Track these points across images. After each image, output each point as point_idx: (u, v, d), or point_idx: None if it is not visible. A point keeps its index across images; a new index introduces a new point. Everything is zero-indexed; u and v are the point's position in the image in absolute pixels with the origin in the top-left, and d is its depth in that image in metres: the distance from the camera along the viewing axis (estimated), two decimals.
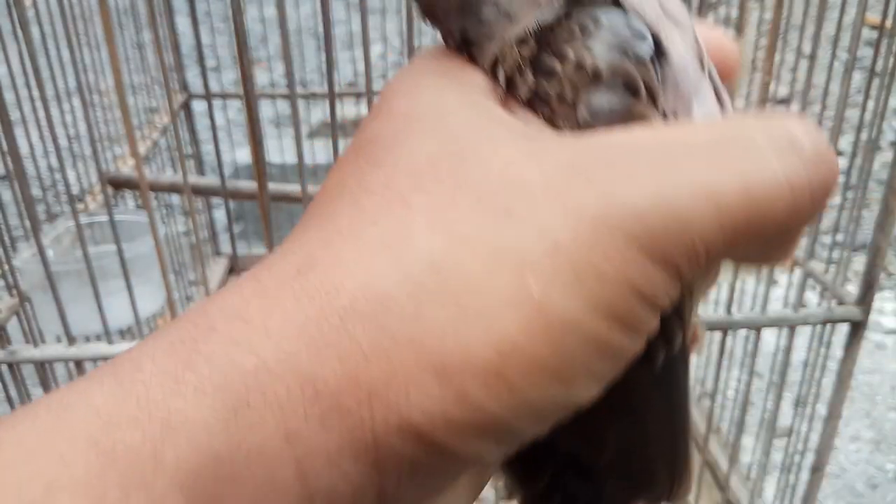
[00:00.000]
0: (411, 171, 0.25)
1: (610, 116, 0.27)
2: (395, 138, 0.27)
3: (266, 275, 0.24)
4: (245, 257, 2.04)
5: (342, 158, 0.29)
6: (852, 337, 1.06)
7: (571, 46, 0.28)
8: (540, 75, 0.28)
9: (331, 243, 0.24)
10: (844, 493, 1.63)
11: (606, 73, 0.27)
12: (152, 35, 0.93)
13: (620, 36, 0.28)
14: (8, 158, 0.87)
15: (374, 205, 0.25)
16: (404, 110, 0.28)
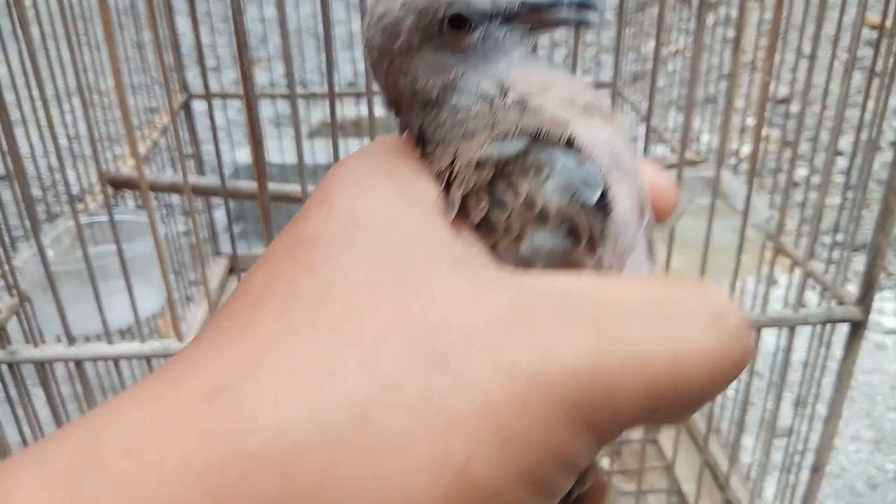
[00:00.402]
0: (347, 290, 0.24)
1: (549, 257, 0.28)
2: (333, 244, 0.26)
3: (171, 395, 0.22)
4: (245, 257, 2.04)
5: (273, 252, 0.27)
6: (852, 337, 1.06)
7: (525, 183, 0.29)
8: (492, 204, 0.29)
9: (249, 366, 0.22)
10: (844, 493, 1.63)
11: (553, 216, 0.29)
12: (152, 35, 0.93)
13: (572, 181, 0.29)
14: (8, 158, 0.87)
15: (303, 325, 0.23)
16: (347, 212, 0.27)
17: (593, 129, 0.31)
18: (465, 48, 0.32)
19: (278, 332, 0.23)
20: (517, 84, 0.32)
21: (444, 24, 0.31)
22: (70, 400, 1.08)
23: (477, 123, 0.31)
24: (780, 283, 2.12)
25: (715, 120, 1.66)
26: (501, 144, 0.30)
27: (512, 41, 0.32)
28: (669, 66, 1.83)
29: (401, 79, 0.33)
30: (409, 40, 0.32)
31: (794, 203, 2.21)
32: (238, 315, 0.24)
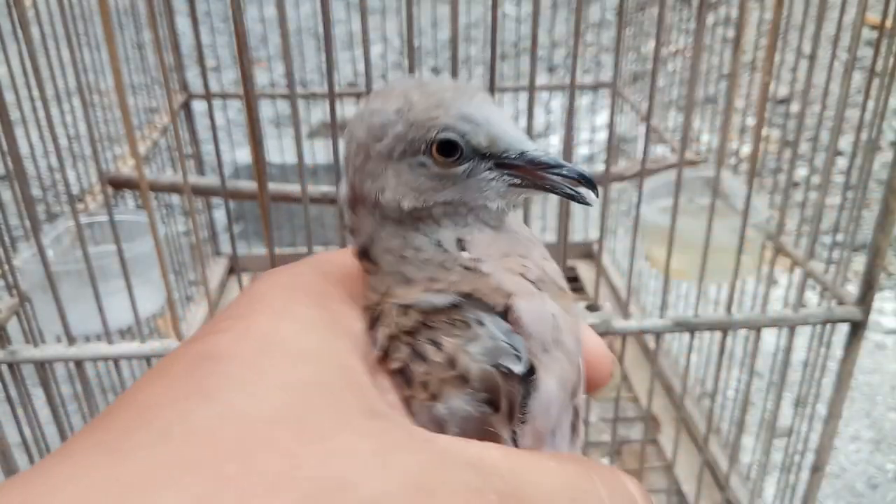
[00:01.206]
0: (242, 427, 0.21)
1: (464, 422, 0.27)
2: (239, 368, 0.24)
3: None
4: (245, 257, 2.04)
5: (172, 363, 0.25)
6: (852, 337, 1.06)
7: (450, 340, 0.28)
8: (414, 356, 0.28)
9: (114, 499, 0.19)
10: (844, 493, 1.63)
11: (474, 380, 0.27)
12: (152, 35, 0.93)
13: (499, 347, 0.28)
14: (8, 158, 0.87)
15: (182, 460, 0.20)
16: (263, 334, 0.25)
17: (538, 304, 0.30)
18: (445, 177, 0.31)
19: (154, 463, 0.20)
20: (476, 245, 0.31)
21: (432, 145, 0.30)
22: (70, 400, 1.08)
23: (419, 271, 0.30)
24: (780, 283, 2.12)
25: (715, 120, 1.66)
26: (434, 294, 0.29)
27: (496, 189, 0.31)
28: (669, 66, 1.83)
29: (368, 182, 0.31)
30: (391, 147, 0.31)
31: (794, 203, 2.21)
32: (116, 429, 0.22)
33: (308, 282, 0.29)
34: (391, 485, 0.21)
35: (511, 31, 2.31)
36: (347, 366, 0.26)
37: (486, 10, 2.26)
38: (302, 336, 0.26)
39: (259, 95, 1.88)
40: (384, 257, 0.31)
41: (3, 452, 0.94)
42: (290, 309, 0.27)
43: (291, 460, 0.21)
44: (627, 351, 1.66)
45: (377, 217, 0.31)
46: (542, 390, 0.28)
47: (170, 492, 0.19)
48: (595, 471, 0.25)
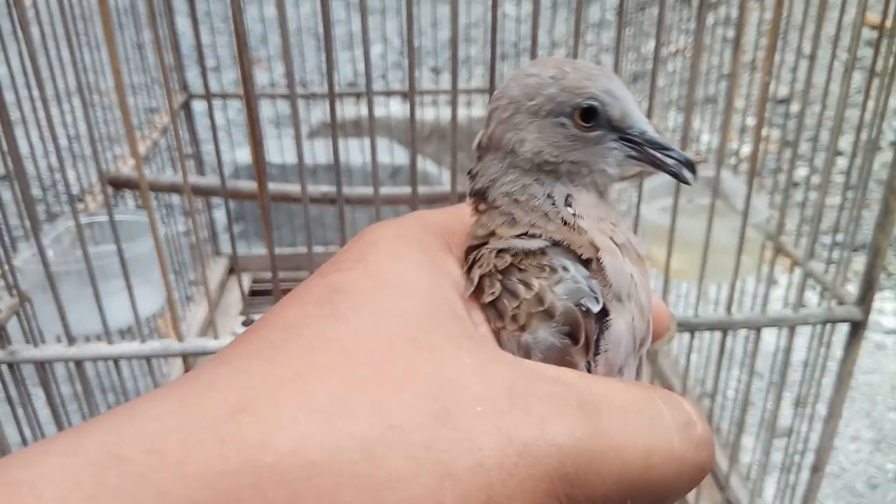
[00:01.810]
0: (370, 341, 0.26)
1: (548, 350, 0.32)
2: (364, 297, 0.29)
3: (196, 405, 0.23)
4: (245, 257, 2.04)
5: (304, 294, 0.30)
6: (852, 337, 1.06)
7: (538, 280, 0.33)
8: (504, 291, 0.33)
9: (273, 390, 0.24)
10: (844, 493, 1.63)
11: (558, 314, 0.32)
12: (152, 35, 0.93)
13: (580, 289, 0.33)
14: (8, 158, 0.87)
15: (327, 363, 0.25)
16: (381, 271, 0.30)
17: (620, 261, 0.35)
18: (579, 139, 0.36)
19: (303, 365, 0.25)
20: (580, 204, 0.36)
21: (576, 109, 0.36)
22: (70, 400, 1.08)
23: (525, 215, 0.36)
24: (780, 283, 2.12)
25: (715, 120, 1.66)
26: (528, 240, 0.35)
27: (616, 158, 0.37)
28: (669, 66, 1.83)
29: (511, 133, 0.37)
30: (540, 105, 0.36)
31: (794, 203, 2.21)
32: (266, 343, 0.26)
33: (413, 233, 0.34)
34: (492, 386, 0.25)
35: (511, 31, 2.31)
36: (449, 299, 0.31)
37: (486, 10, 2.25)
38: (412, 274, 0.31)
39: (259, 95, 1.88)
40: (501, 199, 0.37)
41: (3, 452, 0.94)
42: (401, 253, 0.32)
43: (411, 367, 0.25)
44: None
45: (505, 164, 0.37)
46: (613, 329, 0.33)
47: (318, 386, 0.24)
48: (656, 391, 0.30)
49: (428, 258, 0.32)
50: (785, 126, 1.32)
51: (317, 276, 0.31)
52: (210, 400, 0.23)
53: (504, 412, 0.25)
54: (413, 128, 0.83)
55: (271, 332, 0.27)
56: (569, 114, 0.36)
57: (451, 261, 0.34)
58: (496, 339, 0.32)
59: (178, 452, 0.21)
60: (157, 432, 0.22)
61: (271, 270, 0.89)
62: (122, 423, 0.23)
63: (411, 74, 0.79)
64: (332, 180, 1.06)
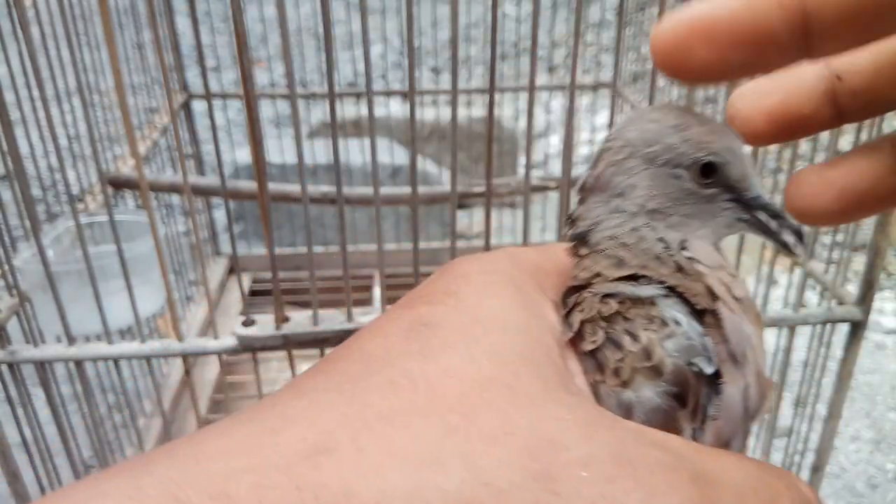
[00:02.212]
0: (462, 384, 0.24)
1: (651, 412, 0.29)
2: (455, 334, 0.26)
3: (270, 443, 0.21)
4: (245, 257, 2.04)
5: (390, 325, 0.27)
6: (852, 337, 1.06)
7: (646, 333, 0.30)
8: (607, 341, 0.30)
9: (355, 431, 0.22)
10: (844, 493, 1.63)
11: (667, 373, 0.29)
12: (152, 35, 0.93)
13: (693, 347, 0.30)
14: (8, 158, 0.87)
15: (413, 405, 0.23)
16: (473, 307, 0.28)
17: (739, 317, 0.32)
18: (693, 194, 0.34)
19: (388, 406, 0.23)
20: (696, 249, 0.34)
21: (696, 162, 0.34)
22: (70, 400, 1.08)
23: (635, 257, 0.33)
24: (780, 283, 2.12)
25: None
26: (637, 286, 0.32)
27: (727, 219, 0.35)
28: None
29: (622, 176, 0.35)
30: (658, 153, 0.34)
31: None
32: (347, 376, 0.24)
33: (505, 269, 0.31)
34: (596, 450, 0.23)
35: (511, 31, 2.31)
36: (546, 344, 0.28)
37: (486, 10, 2.25)
38: (507, 312, 0.28)
39: (259, 95, 1.88)
40: (605, 242, 0.34)
41: (3, 452, 0.94)
42: (494, 289, 0.29)
43: (506, 419, 0.23)
44: None
45: (611, 207, 0.35)
46: (726, 395, 0.30)
47: (404, 431, 0.22)
48: (771, 468, 0.27)
49: (522, 297, 0.30)
50: None
51: (402, 306, 0.29)
52: (286, 438, 0.21)
53: (611, 479, 0.22)
54: (413, 128, 0.83)
55: (352, 363, 0.25)
56: (687, 166, 0.34)
57: (547, 303, 0.31)
58: (593, 393, 0.29)
59: (249, 499, 0.19)
60: (226, 474, 0.20)
61: (271, 270, 0.89)
62: (187, 460, 0.21)
63: (411, 74, 0.78)
64: (332, 180, 1.06)
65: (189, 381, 1.01)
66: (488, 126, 0.84)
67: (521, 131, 2.68)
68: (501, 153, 2.62)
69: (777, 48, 0.26)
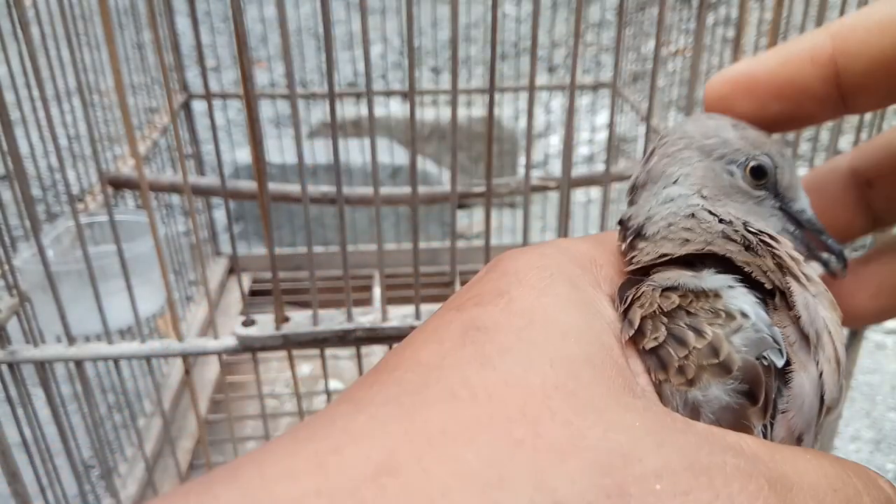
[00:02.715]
0: (522, 392, 0.23)
1: (721, 411, 0.27)
2: (511, 338, 0.25)
3: (335, 463, 0.21)
4: (245, 257, 2.04)
5: (443, 328, 0.26)
6: (852, 337, 1.06)
7: (712, 328, 0.28)
8: (670, 338, 0.28)
9: (418, 450, 0.21)
10: None
11: (736, 370, 0.27)
12: (152, 35, 0.93)
13: (763, 339, 0.28)
14: (8, 158, 0.87)
15: (475, 419, 0.22)
16: (528, 308, 0.26)
17: (813, 298, 0.30)
18: (742, 192, 0.33)
19: (449, 419, 0.22)
20: (758, 226, 0.32)
21: (750, 162, 0.33)
22: (70, 400, 1.08)
23: (699, 236, 0.31)
24: None
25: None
26: (699, 277, 0.30)
27: (772, 224, 0.34)
28: (669, 66, 1.83)
29: (676, 166, 0.34)
30: (714, 147, 0.34)
31: None
32: (403, 387, 0.23)
33: (558, 263, 0.29)
34: (670, 461, 0.22)
35: (511, 31, 2.31)
36: (607, 345, 0.27)
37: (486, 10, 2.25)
38: (564, 312, 0.27)
39: (259, 95, 1.88)
40: (663, 230, 0.32)
41: (3, 452, 0.94)
42: (548, 287, 0.28)
43: (573, 430, 0.22)
44: None
45: (663, 196, 0.34)
46: (795, 385, 0.28)
47: (468, 448, 0.21)
48: (849, 465, 0.26)
49: (578, 293, 0.28)
50: None
51: (452, 308, 0.27)
52: (350, 458, 0.21)
53: (687, 491, 0.21)
54: (413, 128, 0.83)
55: (407, 372, 0.24)
56: (741, 164, 0.33)
57: (603, 298, 0.30)
58: (657, 393, 0.28)
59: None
60: (294, 497, 0.19)
61: (271, 270, 0.89)
62: (251, 483, 0.20)
63: (411, 74, 0.78)
64: (332, 180, 1.06)
65: (189, 381, 1.01)
66: (488, 126, 0.84)
67: (521, 131, 2.68)
68: (501, 153, 2.62)
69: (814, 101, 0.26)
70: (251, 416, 1.53)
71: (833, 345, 0.29)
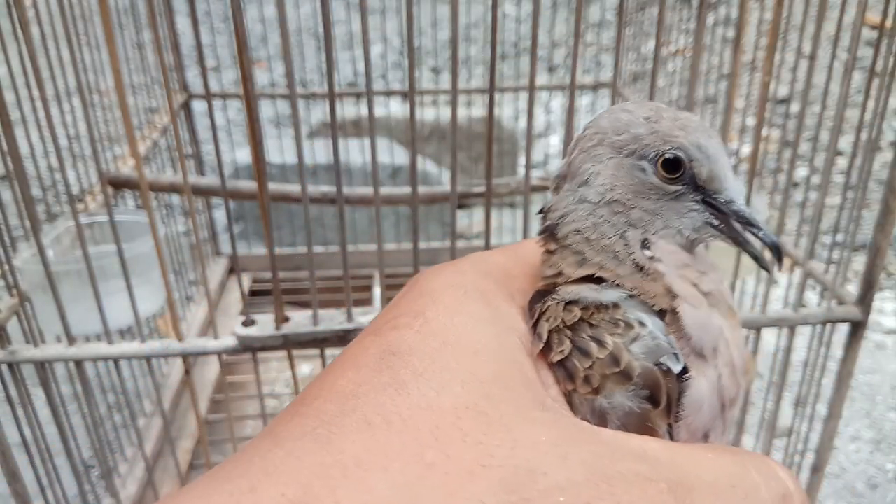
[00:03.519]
0: (435, 416, 0.24)
1: (625, 416, 0.29)
2: (426, 362, 0.26)
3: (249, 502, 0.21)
4: (245, 257, 2.04)
5: (361, 355, 0.27)
6: (852, 337, 1.06)
7: (612, 338, 0.30)
8: (575, 350, 0.30)
9: (332, 483, 0.21)
10: (844, 493, 1.63)
11: (636, 376, 0.29)
12: (152, 35, 0.93)
13: (660, 346, 0.30)
14: (8, 158, 0.87)
15: (388, 446, 0.23)
16: (441, 329, 0.27)
17: (705, 313, 0.32)
18: (656, 189, 0.33)
19: (363, 449, 0.23)
20: (659, 248, 0.33)
21: (661, 156, 0.32)
22: (70, 400, 1.08)
23: (596, 254, 0.33)
24: (780, 283, 2.12)
25: (715, 120, 1.66)
26: (599, 290, 0.31)
27: (693, 220, 0.33)
28: (669, 66, 1.83)
29: (589, 164, 0.34)
30: (625, 142, 0.33)
31: (794, 203, 2.21)
32: (321, 419, 0.24)
33: (472, 280, 0.31)
34: (574, 473, 0.23)
35: (511, 31, 2.31)
36: (517, 361, 0.28)
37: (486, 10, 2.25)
38: (476, 332, 0.28)
39: (259, 95, 1.88)
40: (572, 237, 0.34)
41: (3, 452, 0.94)
42: (461, 305, 0.29)
43: (482, 449, 0.23)
44: None
45: (577, 196, 0.34)
46: (693, 390, 0.30)
47: (381, 476, 0.22)
48: (749, 459, 0.27)
49: (490, 310, 0.29)
50: (785, 126, 1.32)
51: (371, 333, 0.28)
52: (265, 497, 0.21)
53: (589, 501, 0.22)
54: (413, 128, 0.83)
55: (325, 402, 0.25)
56: (652, 159, 0.33)
57: (515, 312, 0.31)
58: (567, 402, 0.29)
59: None
60: None
61: (271, 270, 0.89)
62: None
63: (411, 74, 0.78)
64: (332, 180, 1.06)
65: (189, 381, 1.01)
66: (488, 126, 0.84)
67: (521, 131, 2.68)
68: (501, 153, 2.62)
69: None
70: (251, 416, 1.53)
71: (729, 350, 0.31)
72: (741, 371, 0.32)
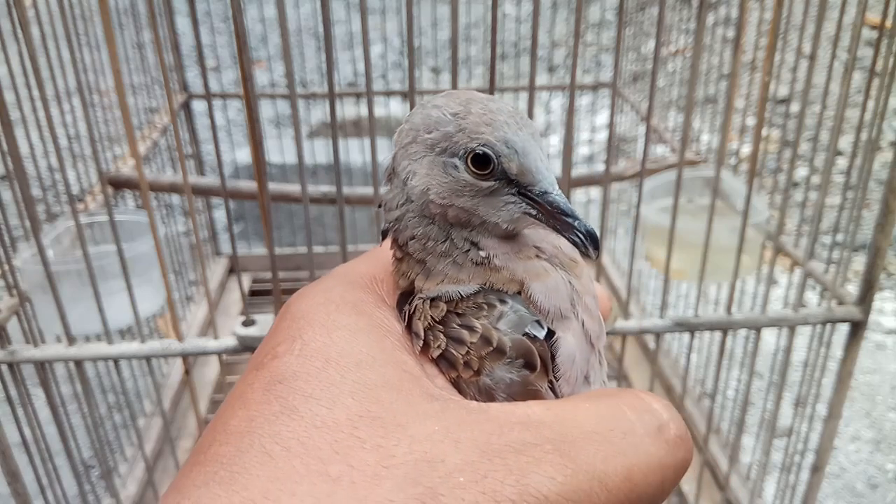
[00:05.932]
0: (331, 431, 0.25)
1: (509, 387, 0.31)
2: (311, 383, 0.27)
3: None
4: (245, 257, 2.04)
5: (246, 391, 0.27)
6: (852, 337, 1.06)
7: (479, 321, 0.32)
8: (450, 341, 0.32)
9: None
10: (844, 493, 1.63)
11: (509, 349, 0.31)
12: (152, 35, 0.93)
13: (523, 318, 0.32)
14: (8, 158, 0.87)
15: (291, 472, 0.23)
16: (320, 349, 0.28)
17: (552, 280, 0.34)
18: (470, 186, 0.33)
19: (267, 480, 0.23)
20: (487, 245, 0.34)
21: (469, 154, 0.33)
22: (70, 400, 1.08)
23: (438, 263, 0.34)
24: (780, 283, 2.12)
25: (715, 120, 1.66)
26: (458, 285, 0.33)
27: (510, 212, 0.34)
28: (669, 66, 1.83)
29: (406, 162, 0.35)
30: (436, 140, 0.34)
31: (794, 203, 2.21)
32: (220, 463, 0.24)
33: (341, 294, 0.32)
34: (468, 453, 0.25)
35: (511, 31, 2.31)
36: (399, 361, 0.29)
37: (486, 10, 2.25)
38: (355, 343, 0.29)
39: (259, 95, 1.88)
40: (411, 244, 0.35)
41: (3, 452, 0.94)
42: (335, 321, 0.30)
43: (382, 451, 0.24)
44: (627, 351, 1.66)
45: (403, 196, 0.35)
46: (563, 348, 0.33)
47: (291, 502, 0.22)
48: (623, 399, 0.29)
49: (364, 319, 0.30)
50: (785, 126, 1.32)
51: (254, 368, 0.28)
52: None
53: (485, 476, 0.24)
54: None
55: (221, 445, 0.25)
56: (462, 157, 0.33)
57: (389, 315, 0.32)
58: (455, 387, 0.31)
59: None
60: None
61: (271, 270, 0.89)
62: None
63: (411, 74, 0.79)
64: (332, 180, 1.06)
65: (189, 381, 1.01)
66: None
67: None
68: None
69: None
70: None
71: (582, 298, 0.34)
72: (596, 307, 0.35)
